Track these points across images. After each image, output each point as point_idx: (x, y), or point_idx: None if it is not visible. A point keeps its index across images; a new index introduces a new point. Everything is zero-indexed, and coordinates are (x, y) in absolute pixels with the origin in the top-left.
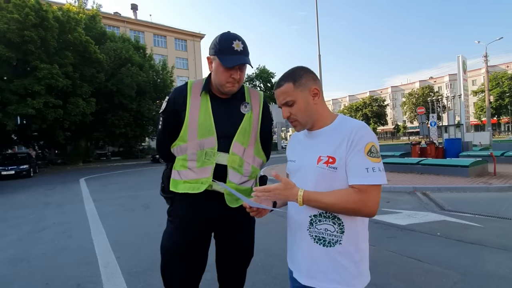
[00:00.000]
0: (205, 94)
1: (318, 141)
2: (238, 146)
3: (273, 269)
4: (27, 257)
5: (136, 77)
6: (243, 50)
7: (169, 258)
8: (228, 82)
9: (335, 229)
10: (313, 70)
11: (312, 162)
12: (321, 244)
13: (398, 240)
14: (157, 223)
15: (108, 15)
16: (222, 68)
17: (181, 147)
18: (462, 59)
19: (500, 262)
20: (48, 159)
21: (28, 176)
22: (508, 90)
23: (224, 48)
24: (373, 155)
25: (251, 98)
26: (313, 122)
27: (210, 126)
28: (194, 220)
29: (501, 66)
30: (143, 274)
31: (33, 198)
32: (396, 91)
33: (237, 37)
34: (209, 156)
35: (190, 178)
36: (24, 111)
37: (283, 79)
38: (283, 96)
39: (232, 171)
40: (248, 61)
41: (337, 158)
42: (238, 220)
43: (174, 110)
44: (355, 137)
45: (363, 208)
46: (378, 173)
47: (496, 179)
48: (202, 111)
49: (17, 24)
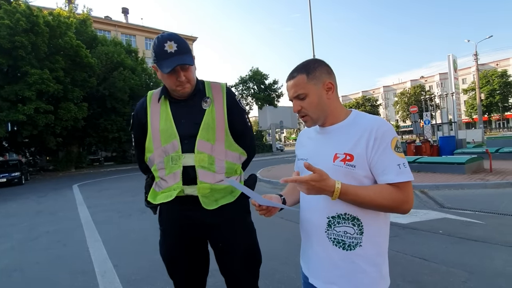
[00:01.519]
0: (164, 100)
1: (332, 138)
2: (204, 143)
3: (276, 273)
4: (20, 267)
5: (128, 81)
6: (178, 49)
7: (167, 266)
8: (177, 86)
9: (355, 231)
10: (328, 63)
11: (327, 160)
12: (341, 248)
13: (401, 239)
14: (155, 228)
15: (99, 19)
16: (165, 75)
17: (150, 158)
18: (452, 58)
19: (506, 259)
20: (39, 166)
21: (20, 184)
22: (498, 88)
23: (158, 54)
24: (399, 150)
25: (212, 91)
26: (325, 117)
27: (171, 130)
28: (180, 226)
29: (490, 64)
30: (142, 282)
31: (25, 206)
32: (388, 91)
33: (169, 38)
34: (175, 160)
35: (164, 187)
36: (15, 118)
37: (296, 71)
38: (294, 89)
39: (201, 170)
40: (185, 61)
41: (355, 155)
42: (228, 224)
43: (139, 123)
44: (377, 134)
45: (403, 205)
46: (408, 169)
47: (492, 176)
48: (163, 117)
49: (7, 30)
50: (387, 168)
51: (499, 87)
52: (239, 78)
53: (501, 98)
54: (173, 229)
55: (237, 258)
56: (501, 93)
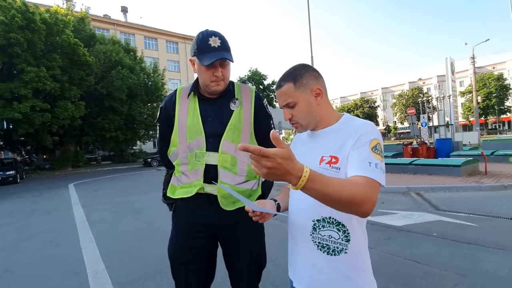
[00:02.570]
0: (193, 96)
1: (321, 141)
2: (228, 144)
3: (269, 275)
4: (11, 268)
5: (126, 80)
6: (221, 45)
7: (173, 264)
8: (212, 81)
9: (339, 237)
10: (315, 68)
11: (314, 163)
12: (325, 252)
13: (395, 242)
14: (149, 229)
15: (97, 18)
16: (203, 68)
17: (173, 152)
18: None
19: (498, 262)
20: (35, 164)
21: (15, 182)
22: (494, 91)
23: (201, 47)
24: (378, 152)
25: (241, 93)
26: (316, 123)
27: (198, 126)
28: (193, 225)
29: (487, 67)
30: (134, 284)
31: (20, 205)
32: (386, 93)
33: (214, 33)
34: (198, 157)
35: (184, 182)
36: (10, 116)
37: (283, 79)
38: (283, 98)
39: (223, 171)
40: (227, 56)
41: (340, 157)
42: (240, 225)
43: (166, 117)
44: (361, 132)
45: (365, 203)
46: (380, 172)
47: (487, 178)
48: (190, 113)
49: (2, 26)
50: (356, 161)
51: (495, 90)
52: (238, 78)
53: (497, 101)
54: (186, 227)
55: (244, 259)
56: (498, 96)
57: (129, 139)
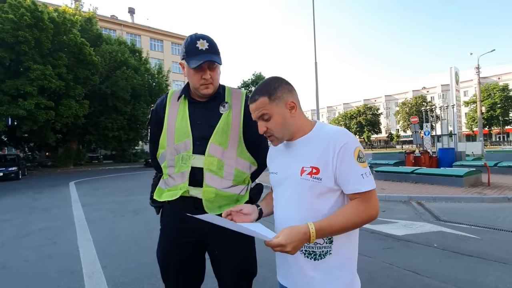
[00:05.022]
0: (183, 99)
1: (298, 151)
2: (215, 147)
3: (266, 281)
4: (8, 265)
5: (131, 80)
6: (208, 48)
7: (162, 268)
8: (201, 84)
9: (324, 241)
10: (288, 81)
11: (295, 174)
12: (312, 258)
13: (395, 252)
14: (146, 230)
15: (104, 18)
16: (191, 71)
17: (162, 154)
18: (454, 70)
19: (499, 276)
20: (38, 161)
21: (17, 179)
22: (499, 102)
23: (189, 50)
24: (362, 160)
25: (231, 97)
26: (291, 134)
27: (186, 129)
28: (179, 230)
29: (492, 77)
30: (130, 285)
31: (20, 202)
32: (390, 100)
33: (202, 37)
34: (185, 160)
35: (171, 185)
36: (15, 112)
37: (257, 93)
38: (258, 111)
39: (209, 174)
40: (215, 58)
41: (321, 168)
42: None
43: (157, 119)
44: (341, 143)
45: (370, 214)
46: (370, 177)
47: (490, 190)
48: (180, 115)
49: (11, 24)
50: (351, 178)
51: (500, 100)
52: (242, 82)
53: (502, 112)
54: (173, 231)
55: (232, 268)
56: (502, 106)
57: (131, 139)
